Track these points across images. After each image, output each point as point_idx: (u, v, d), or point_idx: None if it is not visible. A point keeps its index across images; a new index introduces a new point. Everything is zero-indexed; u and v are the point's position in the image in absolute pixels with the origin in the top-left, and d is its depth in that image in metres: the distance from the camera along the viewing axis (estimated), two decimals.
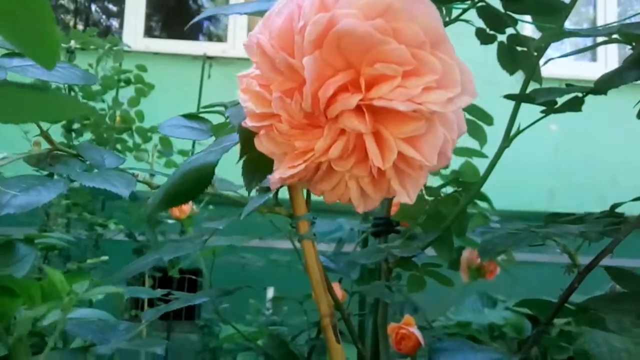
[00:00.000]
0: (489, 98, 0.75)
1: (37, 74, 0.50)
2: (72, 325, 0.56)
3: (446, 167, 1.20)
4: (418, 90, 0.29)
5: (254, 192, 0.45)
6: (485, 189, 0.79)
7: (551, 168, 3.13)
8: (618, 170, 3.08)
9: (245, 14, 0.40)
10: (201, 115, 0.58)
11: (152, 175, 1.92)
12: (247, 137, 0.36)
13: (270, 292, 2.08)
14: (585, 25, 3.73)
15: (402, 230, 0.86)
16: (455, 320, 2.22)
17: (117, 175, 0.46)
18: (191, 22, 0.44)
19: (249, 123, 0.34)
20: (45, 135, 0.53)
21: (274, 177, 0.34)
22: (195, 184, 0.41)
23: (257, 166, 0.41)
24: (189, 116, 0.57)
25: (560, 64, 0.66)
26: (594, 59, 3.42)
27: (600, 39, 0.60)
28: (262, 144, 0.34)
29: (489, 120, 0.94)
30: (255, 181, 0.42)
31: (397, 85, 0.29)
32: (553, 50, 0.73)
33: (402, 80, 0.29)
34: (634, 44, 0.60)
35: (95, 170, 0.48)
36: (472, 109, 0.95)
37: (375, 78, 0.30)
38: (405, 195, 0.32)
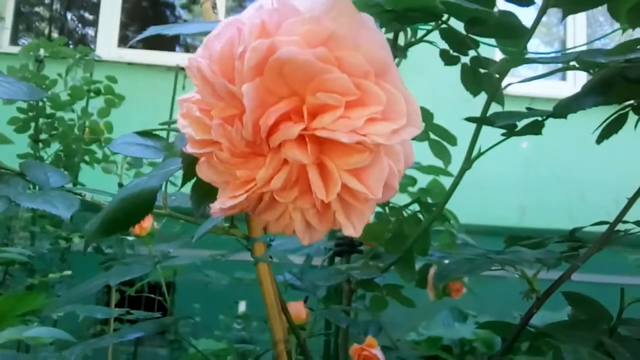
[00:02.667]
0: (461, 114, 0.75)
1: None
2: None
3: (413, 184, 1.21)
4: (362, 121, 0.28)
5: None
6: (456, 204, 0.78)
7: (522, 185, 3.16)
8: (587, 188, 3.12)
9: (189, 34, 0.39)
10: (157, 132, 0.57)
11: (121, 186, 1.89)
12: (191, 163, 0.34)
13: (242, 306, 2.05)
14: (556, 45, 3.80)
15: (365, 250, 0.85)
16: (426, 336, 2.22)
17: (60, 196, 0.44)
18: (133, 40, 0.42)
19: (189, 149, 0.33)
20: None
21: (215, 207, 0.32)
22: (134, 210, 0.39)
23: (206, 191, 0.39)
24: (142, 133, 0.55)
25: (529, 83, 0.67)
26: (563, 78, 3.48)
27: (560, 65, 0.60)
28: (202, 172, 0.33)
29: (452, 140, 0.94)
30: (203, 206, 0.41)
31: (340, 116, 0.28)
32: (523, 68, 0.73)
33: (346, 110, 0.28)
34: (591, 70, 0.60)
35: (38, 190, 0.46)
36: (436, 129, 0.95)
37: (319, 107, 0.29)
38: (351, 228, 0.31)
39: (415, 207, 0.88)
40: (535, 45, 3.81)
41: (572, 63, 0.60)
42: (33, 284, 1.59)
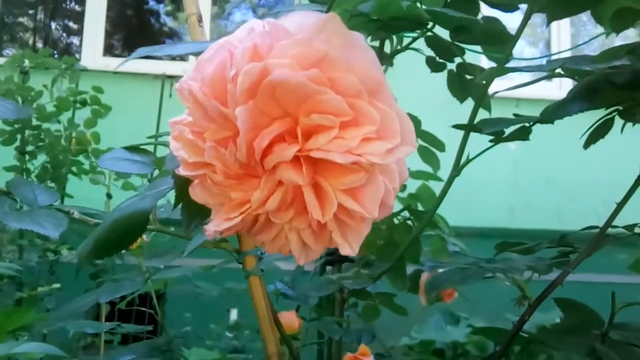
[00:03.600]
0: (450, 119, 0.75)
1: None
2: None
3: (403, 189, 1.21)
4: (356, 141, 0.28)
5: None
6: (445, 206, 0.78)
7: (510, 186, 3.18)
8: (576, 189, 3.14)
9: (179, 54, 0.39)
10: (144, 147, 0.56)
11: (109, 196, 1.87)
12: (183, 184, 0.34)
13: (233, 314, 2.05)
14: (540, 45, 3.83)
15: (357, 259, 0.85)
16: (418, 339, 2.22)
17: (47, 215, 0.44)
18: (123, 62, 0.42)
19: (182, 172, 0.32)
20: None
21: (209, 229, 0.32)
22: (126, 233, 0.39)
23: (197, 208, 0.39)
24: (131, 148, 0.55)
25: (516, 84, 0.67)
26: (548, 78, 3.50)
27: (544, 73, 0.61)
28: (196, 194, 0.33)
29: (441, 146, 0.95)
30: (194, 223, 0.40)
31: (335, 137, 0.28)
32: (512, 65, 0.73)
33: (340, 131, 0.28)
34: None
35: (26, 209, 0.46)
36: (424, 136, 0.96)
37: (313, 128, 0.29)
38: (347, 247, 0.31)
39: (406, 214, 0.89)
40: (520, 46, 3.83)
41: (557, 70, 0.60)
42: (22, 298, 1.58)
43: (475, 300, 1.36)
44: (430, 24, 0.70)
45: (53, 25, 3.97)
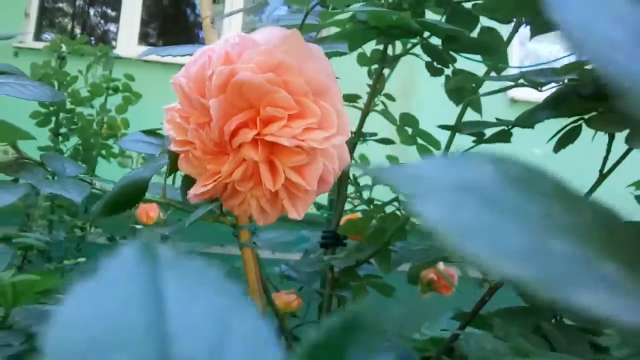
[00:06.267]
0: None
1: (8, 92, 0.57)
2: None
3: None
4: (300, 129, 0.36)
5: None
6: None
7: None
8: (597, 197, 3.14)
9: (177, 55, 0.47)
10: (159, 131, 0.65)
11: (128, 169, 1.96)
12: (174, 158, 0.43)
13: None
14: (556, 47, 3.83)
15: (350, 245, 0.93)
16: (429, 336, 2.27)
17: (73, 183, 0.53)
18: (142, 54, 0.51)
19: (172, 148, 0.41)
20: (13, 145, 0.60)
21: (190, 193, 0.41)
22: (130, 195, 0.48)
23: (192, 182, 0.48)
24: (147, 132, 0.64)
25: (528, 89, 0.74)
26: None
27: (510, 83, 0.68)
28: (182, 166, 0.42)
29: (437, 145, 1.01)
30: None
31: (284, 125, 0.37)
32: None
33: (289, 121, 0.37)
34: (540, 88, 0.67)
35: (56, 178, 0.55)
36: (422, 135, 1.03)
37: (269, 118, 0.37)
38: (295, 213, 0.39)
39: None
40: (538, 46, 3.84)
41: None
42: (50, 270, 1.67)
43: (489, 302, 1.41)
44: (427, 33, 0.77)
45: (92, 11, 4.09)
